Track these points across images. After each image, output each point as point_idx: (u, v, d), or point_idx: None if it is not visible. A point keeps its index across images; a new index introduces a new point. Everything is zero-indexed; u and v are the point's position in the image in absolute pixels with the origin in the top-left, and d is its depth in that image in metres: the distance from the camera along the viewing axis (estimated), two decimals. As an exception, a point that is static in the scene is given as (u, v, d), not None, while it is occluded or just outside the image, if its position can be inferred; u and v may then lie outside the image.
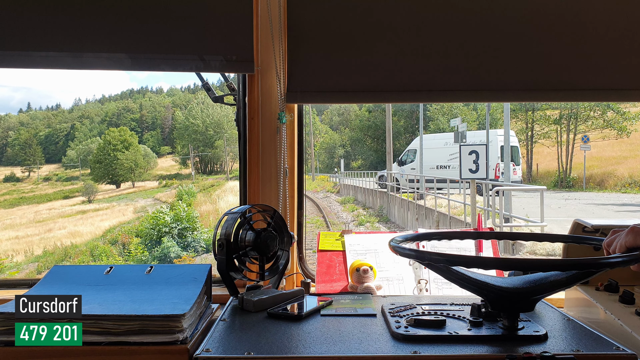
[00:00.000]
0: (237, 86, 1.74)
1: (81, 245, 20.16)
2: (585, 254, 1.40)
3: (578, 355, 0.99)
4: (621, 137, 27.22)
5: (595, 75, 1.66)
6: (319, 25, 1.67)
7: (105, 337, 1.09)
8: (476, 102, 20.71)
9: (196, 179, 51.90)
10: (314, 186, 36.04)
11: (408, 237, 1.25)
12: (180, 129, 61.46)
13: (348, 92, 1.69)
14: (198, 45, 1.63)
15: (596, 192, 23.02)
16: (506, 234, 2.39)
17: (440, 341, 1.05)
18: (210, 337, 1.09)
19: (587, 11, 1.65)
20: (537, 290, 1.07)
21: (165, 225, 16.33)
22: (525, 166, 28.88)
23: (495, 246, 1.62)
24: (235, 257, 1.34)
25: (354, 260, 1.56)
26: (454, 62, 1.66)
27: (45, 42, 1.61)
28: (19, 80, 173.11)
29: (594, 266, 0.98)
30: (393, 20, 1.66)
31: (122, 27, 1.62)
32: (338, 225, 17.73)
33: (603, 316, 1.25)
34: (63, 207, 37.37)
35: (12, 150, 69.31)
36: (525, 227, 10.14)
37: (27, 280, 1.71)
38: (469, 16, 1.66)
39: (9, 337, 1.09)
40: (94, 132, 72.25)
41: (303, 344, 1.05)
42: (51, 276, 1.36)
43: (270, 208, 1.47)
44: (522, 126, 30.12)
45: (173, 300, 1.19)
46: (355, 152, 48.11)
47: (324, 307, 1.30)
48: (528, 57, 1.66)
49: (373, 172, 27.68)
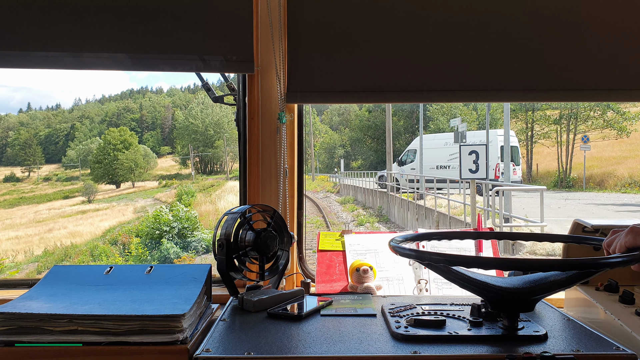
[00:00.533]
0: (237, 86, 1.74)
1: (81, 245, 20.16)
2: (586, 254, 1.40)
3: (578, 355, 0.99)
4: (621, 137, 27.22)
5: (595, 75, 1.66)
6: (319, 25, 1.67)
7: (105, 337, 1.09)
8: (476, 102, 20.69)
9: (196, 179, 51.89)
10: (314, 186, 36.04)
11: (408, 237, 1.25)
12: (180, 129, 61.48)
13: (348, 92, 1.69)
14: (198, 46, 1.63)
15: (596, 192, 23.03)
16: (506, 234, 2.39)
17: (440, 341, 1.05)
18: (210, 337, 1.09)
19: (587, 11, 1.65)
20: (537, 290, 1.07)
21: (166, 224, 16.32)
22: (525, 166, 28.88)
23: (495, 246, 1.62)
24: (235, 257, 1.34)
25: (354, 260, 1.56)
26: (454, 62, 1.66)
27: (45, 42, 1.61)
28: (19, 80, 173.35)
29: (593, 266, 0.98)
30: (393, 20, 1.66)
31: (122, 27, 1.62)
32: (338, 225, 17.73)
33: (603, 316, 1.25)
34: (63, 207, 37.36)
35: (12, 150, 69.31)
36: (525, 227, 10.14)
37: (27, 280, 1.71)
38: (469, 16, 1.66)
39: (9, 337, 1.09)
40: (94, 132, 72.25)
41: (303, 344, 1.05)
42: (51, 276, 1.36)
43: (270, 208, 1.47)
44: (522, 126, 30.13)
45: (173, 300, 1.19)
46: (355, 152, 48.11)
47: (324, 307, 1.30)
48: (528, 57, 1.66)
49: (373, 172, 27.68)
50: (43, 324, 1.10)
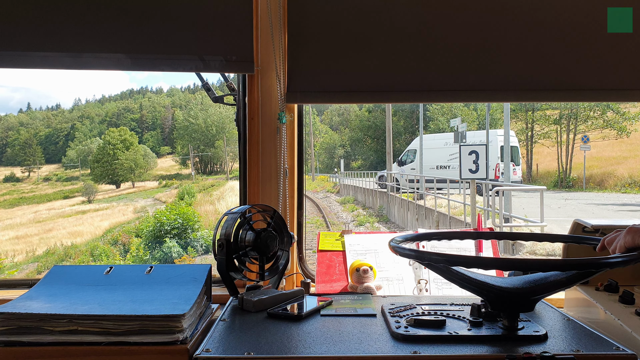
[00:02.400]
0: (237, 86, 1.74)
1: (81, 246, 20.16)
2: (586, 254, 1.40)
3: (578, 355, 0.99)
4: (621, 137, 27.20)
5: (595, 75, 1.66)
6: (319, 25, 1.67)
7: (105, 337, 1.09)
8: (476, 102, 20.75)
9: (196, 179, 51.90)
10: (314, 186, 36.04)
11: (408, 237, 1.25)
12: (180, 129, 61.48)
13: (348, 92, 1.69)
14: (198, 46, 1.63)
15: (596, 192, 23.01)
16: (506, 234, 2.39)
17: (440, 341, 1.05)
18: (210, 337, 1.09)
19: (587, 11, 1.65)
20: (537, 291, 1.07)
21: (168, 224, 16.33)
22: (525, 166, 28.88)
23: (495, 246, 1.62)
24: (235, 257, 1.34)
25: (353, 260, 1.56)
26: (454, 62, 1.66)
27: (45, 42, 1.61)
28: (19, 81, 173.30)
29: (593, 266, 0.98)
30: (393, 20, 1.66)
31: (121, 27, 1.62)
32: (338, 226, 17.72)
33: (603, 316, 1.25)
34: (63, 207, 37.36)
35: (12, 151, 69.31)
36: (525, 227, 10.14)
37: (27, 280, 1.71)
38: (469, 16, 1.66)
39: (9, 337, 1.09)
40: (94, 132, 72.26)
41: (303, 344, 1.05)
42: (51, 276, 1.36)
43: (270, 208, 1.47)
44: (522, 126, 30.12)
45: (173, 300, 1.19)
46: (355, 152, 48.11)
47: (324, 307, 1.30)
48: (528, 57, 1.66)
49: (373, 172, 27.68)
50: (43, 324, 1.10)
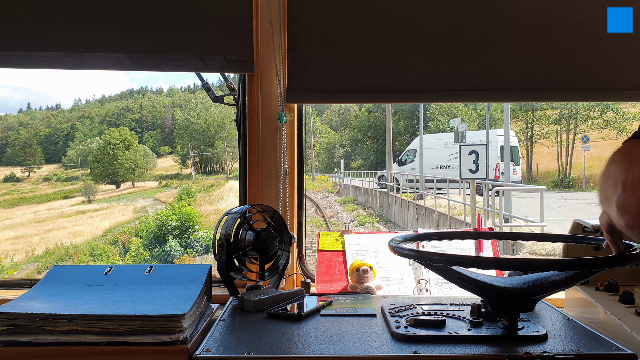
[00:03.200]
0: (237, 86, 1.74)
1: (81, 245, 20.16)
2: (586, 254, 1.40)
3: (578, 355, 0.99)
4: (621, 137, 27.07)
5: (595, 75, 1.66)
6: (319, 25, 1.67)
7: (105, 337, 1.09)
8: (476, 102, 20.75)
9: (196, 179, 51.91)
10: (314, 186, 36.05)
11: (408, 237, 1.25)
12: (180, 129, 61.48)
13: (348, 92, 1.69)
14: (198, 46, 1.63)
15: (596, 192, 22.95)
16: (506, 234, 2.39)
17: (440, 341, 1.05)
18: (210, 337, 1.09)
19: (587, 11, 1.65)
20: (537, 290, 1.07)
21: (169, 224, 16.34)
22: (525, 166, 28.89)
23: (495, 246, 1.62)
24: (235, 257, 1.34)
25: (353, 260, 1.56)
26: (454, 62, 1.66)
27: (45, 42, 1.61)
28: (18, 81, 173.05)
29: (592, 266, 0.98)
30: (393, 20, 1.66)
31: (121, 27, 1.62)
32: (338, 225, 17.74)
33: (603, 316, 1.25)
34: (63, 207, 37.37)
35: (12, 150, 69.32)
36: (525, 227, 10.14)
37: (27, 280, 1.71)
38: (470, 16, 1.66)
39: (9, 337, 1.09)
40: (94, 132, 72.27)
41: (303, 344, 1.05)
42: (51, 276, 1.36)
43: (270, 208, 1.47)
44: (522, 126, 30.14)
45: (173, 300, 1.19)
46: (355, 152, 48.12)
47: (324, 307, 1.30)
48: (528, 57, 1.66)
49: (373, 172, 27.69)
50: (43, 324, 1.09)
